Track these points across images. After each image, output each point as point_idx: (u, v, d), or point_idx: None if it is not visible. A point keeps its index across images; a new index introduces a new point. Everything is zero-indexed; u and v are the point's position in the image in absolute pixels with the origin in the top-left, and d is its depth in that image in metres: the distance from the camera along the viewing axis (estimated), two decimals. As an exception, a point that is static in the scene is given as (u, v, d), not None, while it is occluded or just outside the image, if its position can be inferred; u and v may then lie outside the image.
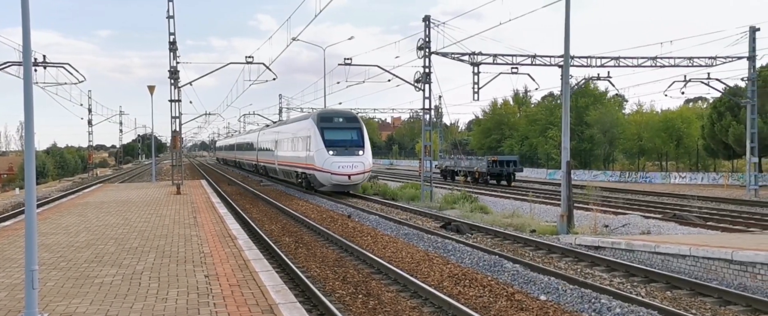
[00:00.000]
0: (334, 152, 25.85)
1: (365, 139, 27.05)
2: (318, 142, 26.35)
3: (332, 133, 26.68)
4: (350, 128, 27.28)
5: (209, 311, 6.26)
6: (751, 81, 30.81)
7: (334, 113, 28.66)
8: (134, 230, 12.37)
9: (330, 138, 26.41)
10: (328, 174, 25.76)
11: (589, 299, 8.58)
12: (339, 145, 26.23)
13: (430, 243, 13.66)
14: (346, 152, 26.02)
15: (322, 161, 25.90)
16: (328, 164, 25.68)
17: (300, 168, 29.34)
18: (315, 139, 26.61)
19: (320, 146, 26.18)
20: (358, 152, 26.26)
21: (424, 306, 8.76)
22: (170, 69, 27.18)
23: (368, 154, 26.77)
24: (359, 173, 26.00)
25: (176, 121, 27.63)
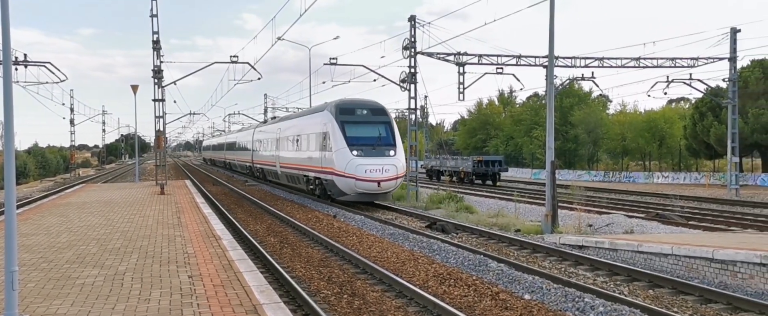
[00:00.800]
0: (358, 153, 20.84)
1: (396, 135, 21.93)
2: (338, 139, 21.20)
3: (356, 129, 21.60)
4: (377, 122, 21.95)
5: (192, 312, 6.21)
6: (732, 82, 31.21)
7: (356, 104, 22.86)
8: (117, 231, 12.25)
9: (353, 135, 21.36)
10: (351, 180, 20.67)
11: (573, 298, 8.63)
12: (365, 144, 21.16)
13: (416, 243, 13.67)
14: (374, 153, 20.99)
15: (344, 163, 20.77)
16: (351, 167, 20.62)
17: (312, 172, 24.05)
18: (334, 137, 21.44)
19: (341, 145, 21.05)
20: (388, 152, 21.23)
21: (409, 306, 8.77)
22: (154, 68, 26.94)
23: (401, 154, 21.52)
24: (391, 179, 20.92)
25: (160, 121, 27.40)
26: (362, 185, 20.68)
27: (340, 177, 21.05)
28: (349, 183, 20.78)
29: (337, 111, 21.99)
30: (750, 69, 42.08)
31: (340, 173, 20.96)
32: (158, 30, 26.50)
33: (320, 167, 22.73)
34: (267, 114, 67.87)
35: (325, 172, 22.17)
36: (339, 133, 21.26)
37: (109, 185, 33.43)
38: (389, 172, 20.81)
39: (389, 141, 21.57)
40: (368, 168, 20.58)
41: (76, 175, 57.53)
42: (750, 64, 42.70)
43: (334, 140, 21.39)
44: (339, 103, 22.63)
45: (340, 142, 21.14)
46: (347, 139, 21.10)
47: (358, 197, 21.13)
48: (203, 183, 37.68)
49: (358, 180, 20.58)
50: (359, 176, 20.55)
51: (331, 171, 21.45)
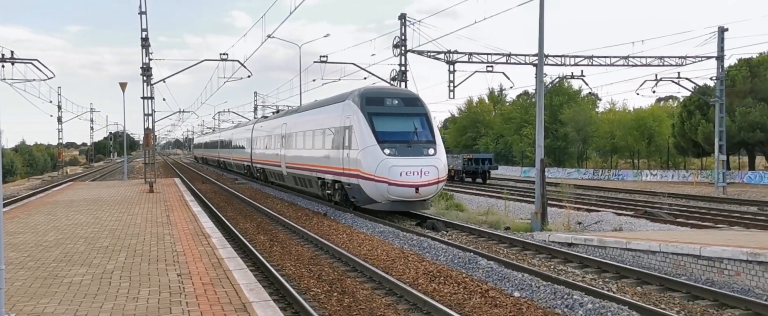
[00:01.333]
0: (391, 151, 16.95)
1: (435, 130, 18.23)
2: (365, 135, 17.39)
3: (387, 122, 17.82)
4: (412, 114, 18.09)
5: (181, 310, 6.18)
6: (720, 80, 31.48)
7: (385, 92, 19.31)
8: (105, 229, 12.16)
9: (384, 129, 17.56)
10: (383, 185, 16.69)
11: (561, 295, 8.68)
12: (398, 141, 17.37)
13: (406, 241, 13.69)
14: (410, 151, 17.12)
15: (374, 164, 16.83)
16: (383, 169, 16.69)
17: (330, 174, 19.97)
18: (360, 132, 17.56)
19: (369, 142, 17.23)
20: (427, 151, 17.27)
21: (399, 303, 8.78)
22: (143, 66, 26.78)
23: (442, 153, 17.65)
24: (432, 183, 16.90)
25: (149, 119, 27.24)
26: (397, 191, 16.64)
27: (368, 181, 17.00)
28: (381, 189, 16.75)
29: (362, 101, 18.00)
30: (737, 68, 42.45)
31: (369, 177, 16.96)
32: (147, 27, 26.34)
33: (341, 168, 18.64)
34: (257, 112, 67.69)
35: (348, 174, 18.12)
36: (366, 128, 17.40)
37: (97, 183, 33.21)
38: (429, 174, 16.76)
39: (427, 137, 17.71)
40: (404, 170, 16.61)
41: (64, 173, 57.11)
42: (737, 62, 43.08)
43: (359, 136, 17.50)
44: (364, 91, 18.86)
45: (368, 139, 17.25)
46: (377, 135, 17.23)
47: (391, 206, 17.12)
48: (193, 181, 37.50)
49: (391, 185, 16.59)
50: (393, 179, 16.54)
51: (357, 174, 17.50)
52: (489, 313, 8.17)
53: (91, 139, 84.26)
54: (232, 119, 68.24)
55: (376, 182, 16.80)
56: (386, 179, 16.62)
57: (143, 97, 26.99)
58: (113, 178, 45.13)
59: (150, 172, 26.73)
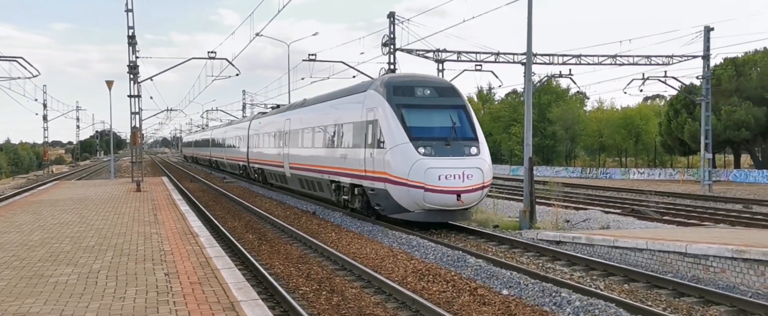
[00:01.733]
0: (427, 151, 14.25)
1: (477, 126, 15.36)
2: (395, 131, 14.62)
3: (420, 116, 15.10)
4: (448, 106, 15.31)
5: (169, 310, 6.14)
6: (706, 79, 31.77)
7: (415, 81, 16.00)
8: (91, 228, 12.06)
9: (417, 124, 14.87)
10: (417, 191, 13.97)
11: (550, 293, 8.72)
12: (435, 138, 14.63)
13: (395, 239, 13.69)
14: (449, 150, 14.40)
15: (407, 166, 14.12)
16: (418, 171, 13.95)
17: (348, 177, 17.13)
18: (388, 127, 14.79)
19: (400, 139, 14.45)
20: (469, 150, 14.57)
21: (388, 302, 8.78)
22: (129, 64, 26.60)
23: (486, 152, 14.88)
24: (476, 189, 14.19)
25: (136, 117, 27.06)
26: (434, 198, 13.87)
27: (398, 186, 14.24)
28: (415, 196, 14.00)
29: (389, 90, 15.25)
30: (723, 67, 42.89)
31: (400, 180, 14.19)
32: (134, 25, 26.19)
33: (362, 170, 15.88)
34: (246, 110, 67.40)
35: (372, 177, 15.34)
36: (395, 122, 14.62)
37: (83, 182, 32.93)
38: (473, 178, 14.02)
39: (469, 133, 14.93)
40: (444, 173, 13.86)
41: (50, 172, 56.58)
42: (723, 62, 43.53)
43: (387, 133, 14.70)
44: (390, 79, 15.99)
45: (399, 136, 14.46)
46: (408, 131, 14.48)
47: (426, 216, 14.31)
48: (181, 180, 37.28)
49: (428, 191, 13.83)
50: (430, 184, 13.81)
51: (384, 177, 14.68)
52: (478, 311, 8.19)
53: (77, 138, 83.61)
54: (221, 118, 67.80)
55: (409, 188, 13.97)
56: (421, 183, 13.81)
57: (130, 95, 26.81)
58: (100, 177, 44.78)
59: (137, 170, 26.56)
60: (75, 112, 67.89)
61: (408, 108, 15.07)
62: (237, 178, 36.62)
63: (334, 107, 19.06)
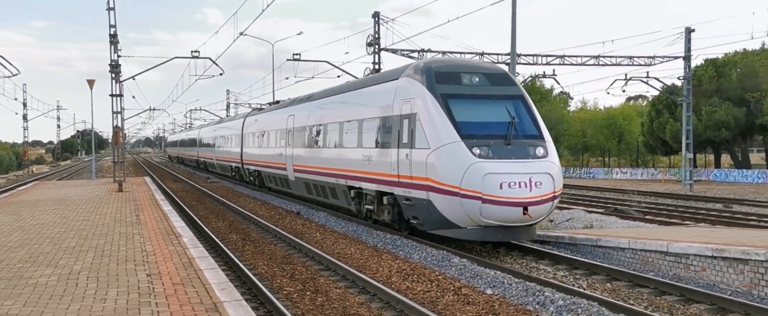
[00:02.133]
0: (484, 152, 11.44)
1: (541, 121, 12.64)
2: (440, 126, 11.80)
3: (471, 108, 12.26)
4: (504, 97, 12.57)
5: (150, 311, 6.08)
6: (687, 80, 32.17)
7: (461, 66, 13.31)
8: (72, 229, 11.92)
9: (469, 118, 12.02)
10: (473, 202, 11.18)
11: (533, 292, 8.77)
12: (491, 135, 11.81)
13: (379, 239, 13.68)
14: (511, 152, 11.62)
15: (459, 170, 11.31)
16: (474, 177, 11.17)
17: (373, 183, 14.28)
18: (430, 122, 11.97)
19: (448, 137, 11.63)
20: (535, 150, 11.81)
21: (372, 302, 8.77)
22: (111, 63, 26.32)
23: (555, 154, 12.13)
24: (547, 200, 11.46)
25: (118, 117, 26.79)
26: (495, 211, 11.05)
27: (447, 196, 11.35)
28: (469, 208, 11.15)
29: (430, 77, 12.40)
30: (703, 68, 43.45)
31: (448, 189, 11.30)
32: (115, 23, 25.91)
33: (394, 176, 13.00)
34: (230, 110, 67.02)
35: (408, 184, 12.44)
36: (441, 116, 11.76)
37: (64, 183, 32.54)
38: (542, 187, 11.23)
39: (532, 130, 12.15)
40: (506, 180, 11.02)
41: (30, 172, 55.82)
42: (703, 63, 44.10)
43: (430, 129, 11.81)
44: (431, 64, 13.00)
45: (447, 133, 11.59)
46: (458, 127, 11.60)
47: (482, 233, 11.47)
48: (164, 180, 36.97)
49: (487, 203, 11.00)
50: (489, 194, 10.98)
51: (426, 184, 11.80)
52: (462, 310, 8.22)
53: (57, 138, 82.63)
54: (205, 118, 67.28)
55: (462, 198, 11.13)
56: (478, 193, 10.98)
57: (112, 94, 26.53)
58: (81, 177, 44.26)
59: (119, 170, 26.30)
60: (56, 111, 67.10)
61: (455, 98, 12.09)
62: (226, 179, 35.09)
63: (354, 100, 16.19)
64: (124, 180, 25.04)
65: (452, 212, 11.50)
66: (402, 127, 12.88)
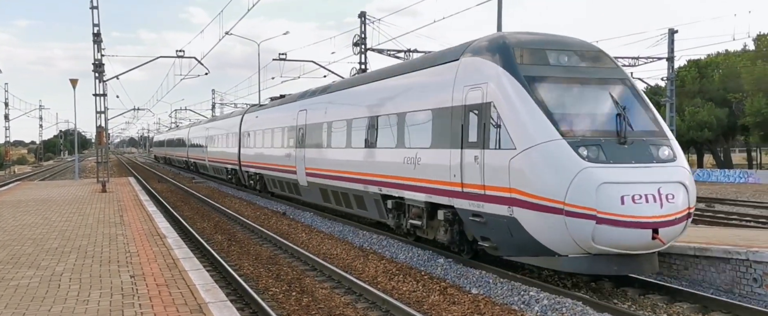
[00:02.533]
0: (592, 153, 8.49)
1: (655, 111, 9.78)
2: (529, 118, 8.94)
3: (566, 95, 9.38)
4: (605, 81, 9.71)
5: (134, 313, 6.03)
6: (670, 81, 32.54)
7: (546, 40, 10.17)
8: (54, 230, 11.78)
9: (566, 109, 9.17)
10: (585, 222, 8.18)
11: (518, 292, 8.81)
12: (599, 131, 8.91)
13: (365, 239, 13.67)
14: (629, 153, 8.65)
15: (562, 178, 8.35)
16: (585, 187, 8.20)
17: (421, 192, 11.52)
18: (515, 112, 9.10)
19: (543, 133, 8.73)
20: (659, 151, 8.85)
21: (358, 302, 8.77)
22: (94, 62, 26.10)
23: (682, 156, 9.24)
24: (681, 218, 8.50)
25: (101, 117, 26.56)
26: (615, 235, 8.24)
27: (544, 213, 8.54)
28: (577, 230, 8.31)
29: (509, 55, 9.64)
30: (686, 69, 43.98)
31: (547, 204, 8.49)
32: (99, 22, 25.71)
33: (458, 184, 10.20)
34: (215, 110, 66.64)
35: (483, 197, 9.60)
36: (530, 106, 9.00)
37: (46, 183, 32.16)
38: (676, 201, 8.48)
39: (649, 124, 9.34)
40: (629, 192, 8.26)
41: (11, 172, 55.11)
42: (687, 63, 44.62)
43: (517, 122, 9.05)
44: (508, 38, 10.08)
45: (540, 127, 8.83)
46: (555, 119, 8.86)
47: (592, 264, 8.63)
48: (148, 180, 36.68)
49: (602, 223, 8.21)
50: (607, 211, 8.19)
51: (510, 196, 9.00)
52: (447, 310, 8.24)
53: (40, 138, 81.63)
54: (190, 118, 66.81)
55: (567, 216, 8.27)
56: (591, 209, 8.15)
57: (95, 94, 26.30)
58: (64, 177, 43.77)
59: (102, 171, 26.05)
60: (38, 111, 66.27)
61: (544, 82, 9.25)
62: (214, 180, 33.82)
63: (392, 90, 13.09)
64: (107, 180, 24.81)
65: (549, 235, 8.54)
66: (467, 121, 9.91)
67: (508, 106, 9.14)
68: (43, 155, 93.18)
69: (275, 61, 29.14)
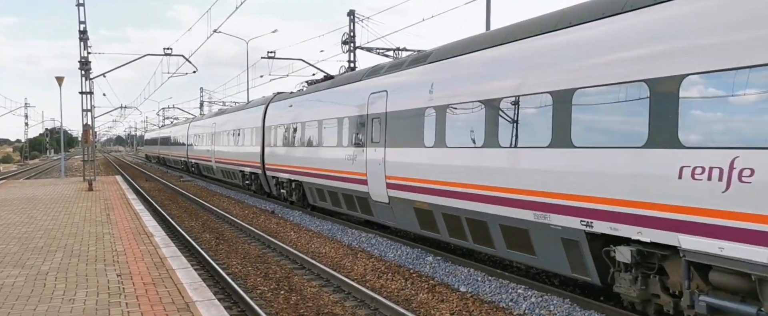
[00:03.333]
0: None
1: None
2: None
3: None
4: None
5: (120, 312, 5.99)
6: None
7: None
8: (40, 229, 11.67)
9: None
10: None
11: (507, 290, 8.85)
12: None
13: (354, 238, 13.67)
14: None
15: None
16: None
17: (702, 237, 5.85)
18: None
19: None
20: None
21: (347, 300, 8.76)
22: (81, 59, 25.87)
23: None
24: None
25: (88, 115, 26.34)
26: None
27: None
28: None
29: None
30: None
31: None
32: (85, 20, 25.52)
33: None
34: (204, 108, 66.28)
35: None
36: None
37: (32, 182, 31.83)
38: None
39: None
40: None
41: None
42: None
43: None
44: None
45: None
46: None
47: None
48: (135, 179, 36.43)
49: None
50: None
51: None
52: (436, 308, 8.25)
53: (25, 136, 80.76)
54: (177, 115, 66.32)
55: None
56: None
57: (82, 92, 26.08)
58: (50, 176, 43.34)
59: (89, 169, 25.83)
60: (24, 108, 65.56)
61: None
62: (210, 181, 31.78)
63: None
64: (94, 179, 24.61)
65: None
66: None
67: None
68: (29, 154, 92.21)
69: (264, 60, 28.99)
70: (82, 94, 26.05)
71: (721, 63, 5.74)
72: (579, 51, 7.57)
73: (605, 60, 7.12)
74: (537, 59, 8.32)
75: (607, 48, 7.16)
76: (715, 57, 5.77)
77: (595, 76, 7.20)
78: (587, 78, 7.29)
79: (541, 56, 8.27)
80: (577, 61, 7.55)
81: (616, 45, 7.02)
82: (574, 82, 7.47)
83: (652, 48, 6.49)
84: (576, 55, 7.60)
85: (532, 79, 8.27)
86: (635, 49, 6.70)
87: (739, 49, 5.57)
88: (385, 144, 12.33)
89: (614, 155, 6.89)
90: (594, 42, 7.39)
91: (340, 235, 14.23)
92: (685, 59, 6.08)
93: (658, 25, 6.52)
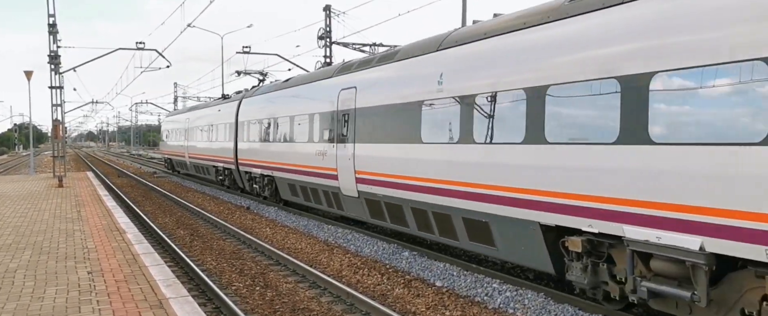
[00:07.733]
0: None
1: None
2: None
3: None
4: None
5: (91, 309, 5.88)
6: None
7: None
8: (8, 226, 11.41)
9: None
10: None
11: (482, 284, 8.90)
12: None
13: (330, 233, 13.64)
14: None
15: None
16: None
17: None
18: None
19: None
20: None
21: (323, 296, 8.74)
22: (50, 53, 25.32)
23: None
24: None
25: (58, 110, 25.82)
26: None
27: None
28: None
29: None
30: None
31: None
32: (55, 12, 24.97)
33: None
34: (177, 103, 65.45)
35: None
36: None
37: (0, 178, 31.11)
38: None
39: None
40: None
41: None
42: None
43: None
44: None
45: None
46: None
47: None
48: (107, 175, 35.83)
49: None
50: None
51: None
52: (412, 303, 8.27)
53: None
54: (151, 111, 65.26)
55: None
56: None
57: (51, 86, 25.55)
58: (18, 172, 42.40)
59: (59, 165, 25.34)
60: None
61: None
62: (183, 177, 29.32)
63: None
64: (64, 175, 24.15)
65: None
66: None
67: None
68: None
69: (239, 55, 28.74)
70: (52, 88, 25.52)
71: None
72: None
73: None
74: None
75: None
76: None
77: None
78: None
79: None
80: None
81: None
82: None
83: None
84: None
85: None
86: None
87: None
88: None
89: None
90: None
91: (316, 231, 14.18)
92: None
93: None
